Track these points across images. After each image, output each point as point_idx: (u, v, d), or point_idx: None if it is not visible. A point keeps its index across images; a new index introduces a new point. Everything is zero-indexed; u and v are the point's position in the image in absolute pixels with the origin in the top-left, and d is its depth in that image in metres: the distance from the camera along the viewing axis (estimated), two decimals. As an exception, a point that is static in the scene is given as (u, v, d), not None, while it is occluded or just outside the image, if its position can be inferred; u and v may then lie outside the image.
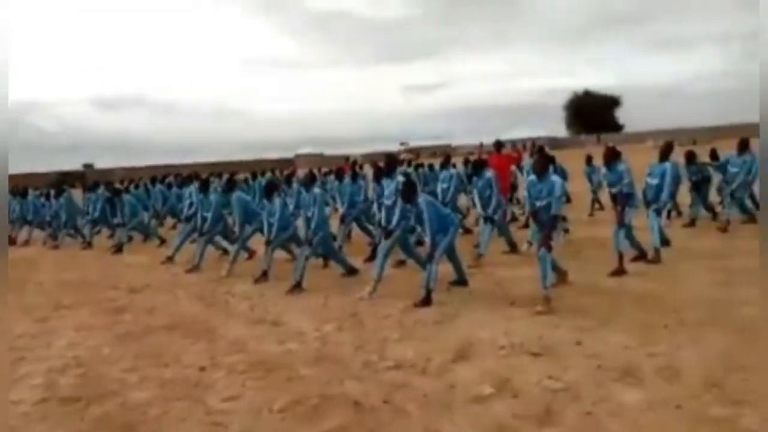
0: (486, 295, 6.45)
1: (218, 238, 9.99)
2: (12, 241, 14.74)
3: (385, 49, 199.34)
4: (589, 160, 13.30)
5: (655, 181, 7.63)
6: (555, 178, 6.11)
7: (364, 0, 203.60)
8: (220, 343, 5.46)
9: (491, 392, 3.90)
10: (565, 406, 3.63)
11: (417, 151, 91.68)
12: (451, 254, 6.65)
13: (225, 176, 14.72)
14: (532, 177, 6.26)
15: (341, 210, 9.99)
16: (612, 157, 7.23)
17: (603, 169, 7.68)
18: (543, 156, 6.57)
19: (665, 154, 7.86)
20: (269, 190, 8.27)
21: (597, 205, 13.03)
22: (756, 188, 9.97)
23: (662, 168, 7.65)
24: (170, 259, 10.06)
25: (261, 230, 8.51)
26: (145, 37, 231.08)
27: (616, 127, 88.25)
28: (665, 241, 7.97)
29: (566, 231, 9.57)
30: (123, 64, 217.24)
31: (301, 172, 17.64)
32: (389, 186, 7.36)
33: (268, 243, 8.08)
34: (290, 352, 5.02)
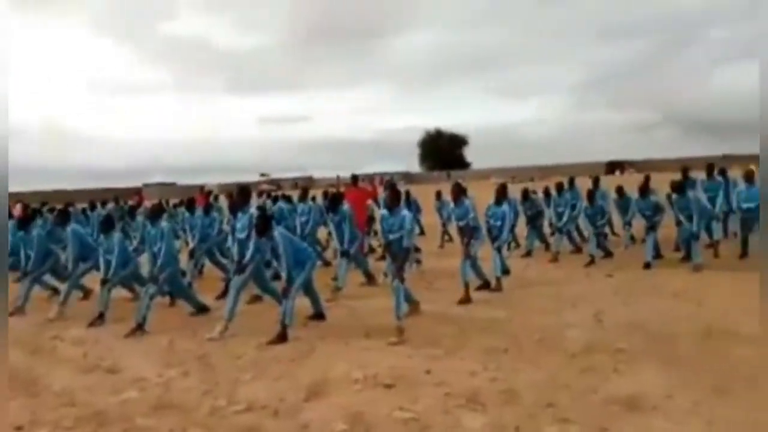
0: (342, 328, 6.44)
1: (47, 277, 8.92)
2: None
3: (241, 79, 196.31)
4: (438, 194, 14.09)
5: (498, 223, 8.32)
6: (405, 213, 6.38)
7: (220, 29, 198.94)
8: (44, 396, 4.82)
9: (344, 429, 3.85)
10: (416, 436, 3.70)
11: (278, 183, 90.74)
12: (308, 288, 6.58)
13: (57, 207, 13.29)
14: (384, 211, 6.48)
15: (192, 244, 9.45)
16: (459, 193, 7.74)
17: (451, 204, 8.18)
18: (393, 191, 6.83)
19: (501, 195, 8.60)
20: (106, 226, 7.59)
21: (446, 237, 13.78)
22: (582, 222, 11.26)
23: (502, 211, 8.37)
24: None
25: (97, 267, 7.75)
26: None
27: (464, 165, 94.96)
28: (506, 270, 8.63)
29: (418, 262, 9.97)
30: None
31: (148, 203, 16.50)
32: (242, 219, 7.10)
33: (104, 282, 7.36)
34: (127, 402, 4.56)
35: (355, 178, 11.77)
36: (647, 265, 9.06)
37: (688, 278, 8.23)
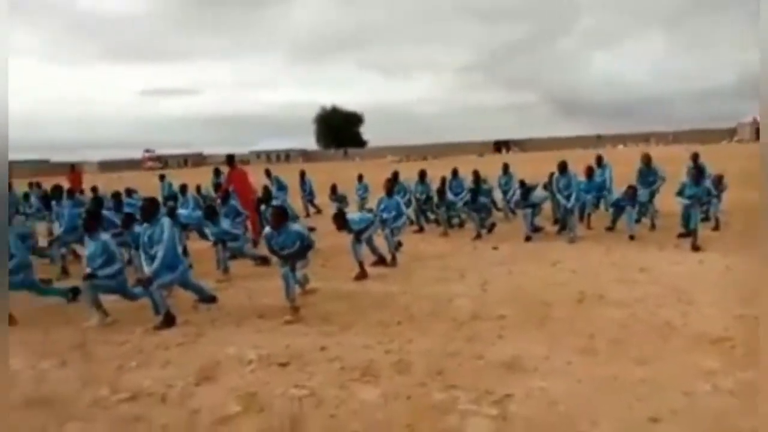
0: (235, 310, 6.29)
1: None
2: None
3: (118, 47, 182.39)
4: (333, 189, 14.33)
5: (392, 214, 8.58)
6: (296, 227, 6.48)
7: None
8: None
9: (237, 411, 3.78)
10: (310, 412, 3.72)
11: (165, 159, 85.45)
12: (186, 284, 6.31)
13: None
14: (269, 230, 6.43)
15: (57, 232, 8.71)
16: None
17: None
18: (276, 208, 6.68)
19: (391, 187, 8.99)
20: None
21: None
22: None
23: (394, 202, 8.76)
24: None
25: None
26: None
27: (361, 143, 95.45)
28: (398, 244, 8.85)
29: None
30: None
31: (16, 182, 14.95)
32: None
33: None
34: (-7, 400, 4.16)
35: (231, 159, 11.40)
36: (528, 238, 9.70)
37: (564, 249, 8.90)
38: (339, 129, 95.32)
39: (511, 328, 5.17)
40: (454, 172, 12.00)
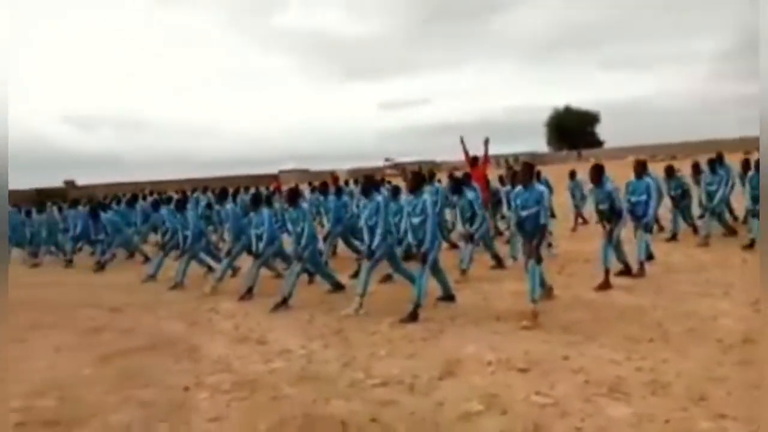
0: (472, 310, 6.44)
1: (203, 255, 9.88)
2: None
3: (356, 66, 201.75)
4: (572, 174, 13.44)
5: (642, 198, 7.72)
6: (541, 187, 6.13)
7: (335, 18, 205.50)
8: (204, 362, 5.36)
9: (480, 409, 3.87)
10: (554, 421, 3.62)
11: (402, 167, 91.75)
12: (435, 271, 6.62)
13: (205, 192, 14.60)
14: (518, 188, 6.29)
15: (327, 226, 9.95)
16: (599, 173, 7.29)
17: (590, 186, 7.71)
18: (527, 165, 6.54)
19: (640, 171, 8.00)
20: (255, 201, 8.24)
21: (580, 220, 13.15)
22: (733, 199, 10.21)
23: (645, 183, 7.76)
24: (152, 277, 9.91)
25: (249, 247, 8.47)
26: (115, 54, 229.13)
27: (597, 143, 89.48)
28: (650, 256, 8.05)
29: (550, 245, 9.63)
30: (94, 82, 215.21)
31: (285, 188, 17.57)
32: (369, 206, 7.16)
33: (256, 257, 8.02)
34: (275, 371, 4.94)
35: (475, 159, 11.55)
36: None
37: None
38: (572, 130, 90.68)
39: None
40: (720, 157, 10.18)
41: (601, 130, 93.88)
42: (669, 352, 4.67)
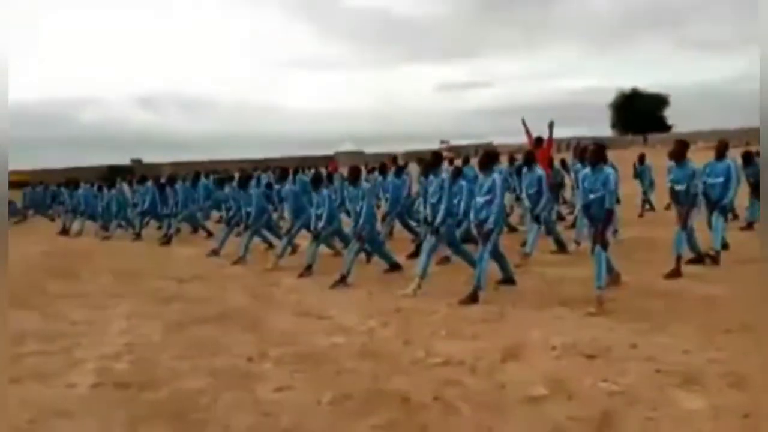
0: (533, 295, 6.31)
1: (265, 232, 10.12)
2: (65, 232, 15.32)
3: (416, 48, 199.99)
4: (641, 158, 12.89)
5: (719, 180, 7.30)
6: (609, 170, 5.90)
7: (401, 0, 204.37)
8: (269, 334, 5.49)
9: (544, 393, 3.79)
10: (624, 410, 3.49)
11: (458, 149, 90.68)
12: (496, 253, 6.51)
13: (266, 172, 14.87)
14: (586, 170, 6.07)
15: (384, 206, 9.96)
16: (684, 151, 6.91)
17: (670, 163, 7.27)
18: (597, 146, 6.27)
19: (722, 152, 7.54)
20: (316, 181, 8.33)
21: (647, 206, 12.63)
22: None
23: (725, 165, 7.34)
24: (216, 252, 10.23)
25: (307, 226, 8.59)
26: (183, 36, 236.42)
27: (664, 128, 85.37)
28: (724, 244, 7.63)
29: (615, 231, 9.29)
30: (163, 63, 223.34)
31: (341, 169, 17.70)
32: (434, 183, 7.19)
33: (316, 236, 8.14)
34: (337, 346, 5.01)
35: (539, 140, 11.22)
36: None
37: None
38: (640, 113, 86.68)
39: None
40: None
41: (670, 114, 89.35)
42: (749, 344, 4.42)
